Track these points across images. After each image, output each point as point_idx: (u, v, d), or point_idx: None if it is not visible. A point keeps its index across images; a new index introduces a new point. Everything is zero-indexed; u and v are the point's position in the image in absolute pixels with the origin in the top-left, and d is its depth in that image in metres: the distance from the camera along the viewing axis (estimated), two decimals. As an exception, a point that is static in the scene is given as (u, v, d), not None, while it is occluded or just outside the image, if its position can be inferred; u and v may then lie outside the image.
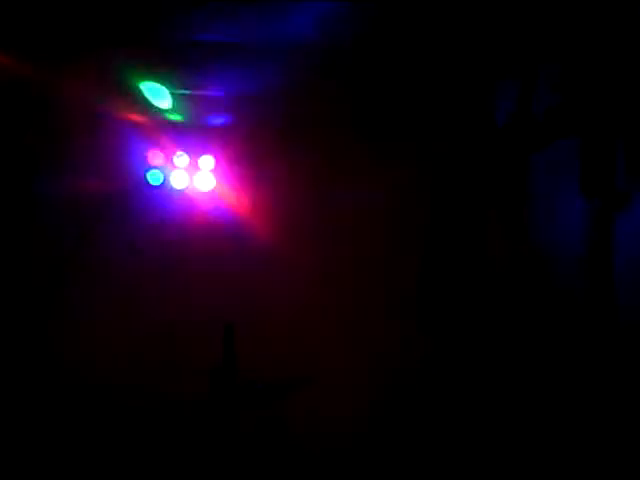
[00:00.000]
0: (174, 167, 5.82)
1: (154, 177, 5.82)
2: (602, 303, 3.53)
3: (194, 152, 5.84)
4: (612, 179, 3.57)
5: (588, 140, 3.77)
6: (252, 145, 5.90)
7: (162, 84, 5.61)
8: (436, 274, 5.24)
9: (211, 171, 5.87)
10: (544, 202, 4.55)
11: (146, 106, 5.69)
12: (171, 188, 5.83)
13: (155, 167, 5.81)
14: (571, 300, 4.06)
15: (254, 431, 5.08)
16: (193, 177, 5.85)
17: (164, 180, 5.82)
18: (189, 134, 5.88)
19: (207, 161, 5.86)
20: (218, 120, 5.89)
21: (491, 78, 5.02)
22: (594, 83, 3.72)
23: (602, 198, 3.62)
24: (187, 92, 5.72)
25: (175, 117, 5.84)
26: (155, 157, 5.80)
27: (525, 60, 4.59)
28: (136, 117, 5.74)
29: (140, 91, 5.60)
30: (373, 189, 5.78)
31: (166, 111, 5.78)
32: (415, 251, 5.55)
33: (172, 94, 5.70)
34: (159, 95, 5.68)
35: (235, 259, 5.85)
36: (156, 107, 5.72)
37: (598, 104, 3.68)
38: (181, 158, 5.82)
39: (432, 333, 5.26)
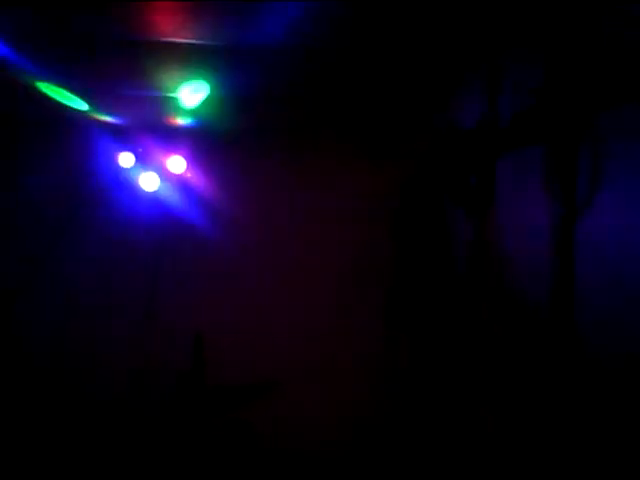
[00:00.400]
0: (144, 169, 5.81)
1: (124, 179, 5.80)
2: (561, 301, 3.56)
3: (164, 154, 5.83)
4: (574, 183, 3.61)
5: (552, 145, 3.81)
6: (222, 147, 5.91)
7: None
8: (404, 274, 5.28)
9: (181, 173, 5.86)
10: (511, 205, 4.57)
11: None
12: (141, 190, 5.81)
13: (125, 169, 5.79)
14: (535, 300, 4.10)
15: (222, 435, 5.09)
16: (163, 179, 5.84)
17: (134, 182, 5.80)
18: (160, 136, 5.86)
19: (178, 163, 5.85)
20: (190, 122, 5.86)
21: (456, 81, 5.05)
22: (559, 87, 3.75)
23: (564, 201, 3.67)
24: (158, 94, 5.67)
25: (144, 119, 5.81)
26: (125, 159, 5.78)
27: (491, 63, 4.60)
28: (105, 118, 5.71)
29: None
30: (347, 192, 5.82)
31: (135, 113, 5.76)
32: (388, 253, 5.59)
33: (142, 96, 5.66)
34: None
35: (207, 262, 5.85)
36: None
37: (562, 110, 3.72)
38: (151, 160, 5.80)
39: (399, 329, 5.28)
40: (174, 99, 5.41)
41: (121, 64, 4.99)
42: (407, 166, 5.56)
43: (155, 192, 5.84)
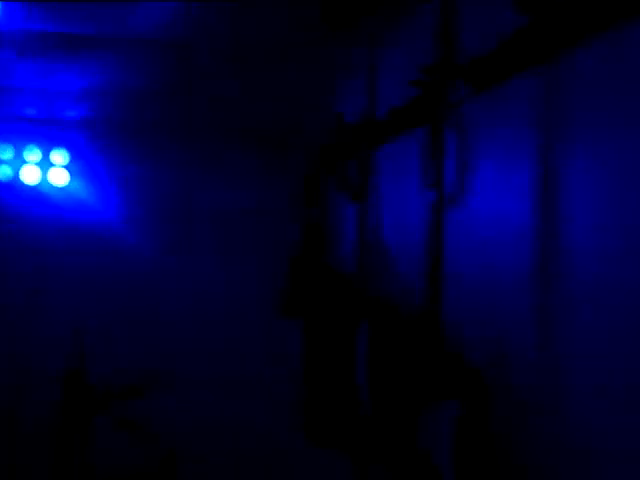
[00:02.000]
0: (25, 162, 5.63)
1: (3, 172, 5.61)
2: (432, 283, 3.58)
3: (47, 146, 5.66)
4: (443, 176, 3.67)
5: (423, 136, 3.86)
6: (111, 141, 5.79)
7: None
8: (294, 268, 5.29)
9: (65, 166, 5.70)
10: (392, 197, 4.63)
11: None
12: (22, 184, 5.63)
13: (4, 162, 5.60)
14: (411, 285, 4.14)
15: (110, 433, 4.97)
16: (46, 172, 5.66)
17: (14, 175, 5.62)
18: (42, 128, 5.69)
19: (61, 156, 5.68)
20: (74, 114, 5.71)
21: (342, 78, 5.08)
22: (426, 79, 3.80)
23: (436, 192, 3.72)
24: (39, 85, 5.50)
25: (27, 111, 5.63)
26: (4, 151, 5.59)
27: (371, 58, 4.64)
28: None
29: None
30: (244, 192, 5.80)
31: (17, 104, 5.57)
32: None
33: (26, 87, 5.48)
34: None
35: (91, 256, 5.72)
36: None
37: (429, 101, 3.77)
38: (33, 152, 5.63)
39: (291, 317, 5.28)
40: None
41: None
42: (300, 161, 5.58)
43: (38, 186, 5.67)
